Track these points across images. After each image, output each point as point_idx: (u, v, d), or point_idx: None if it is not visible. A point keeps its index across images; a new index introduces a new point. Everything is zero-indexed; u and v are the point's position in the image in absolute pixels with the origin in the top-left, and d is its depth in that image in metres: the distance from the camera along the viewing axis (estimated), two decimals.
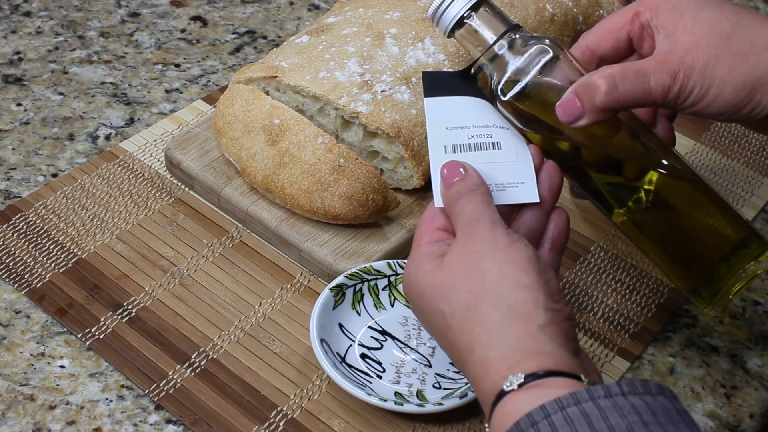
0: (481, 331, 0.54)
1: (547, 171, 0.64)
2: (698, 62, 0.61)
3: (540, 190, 0.64)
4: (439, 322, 0.57)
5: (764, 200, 0.90)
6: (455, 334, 0.56)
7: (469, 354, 0.55)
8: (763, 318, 0.80)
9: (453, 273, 0.57)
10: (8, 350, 0.71)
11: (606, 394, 0.48)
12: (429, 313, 0.58)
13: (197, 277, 0.77)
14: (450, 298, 0.56)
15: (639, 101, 0.62)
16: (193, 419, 0.68)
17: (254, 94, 0.80)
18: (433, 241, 0.61)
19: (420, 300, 0.59)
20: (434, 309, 0.57)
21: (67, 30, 1.02)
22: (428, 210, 0.63)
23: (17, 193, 0.83)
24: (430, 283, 0.58)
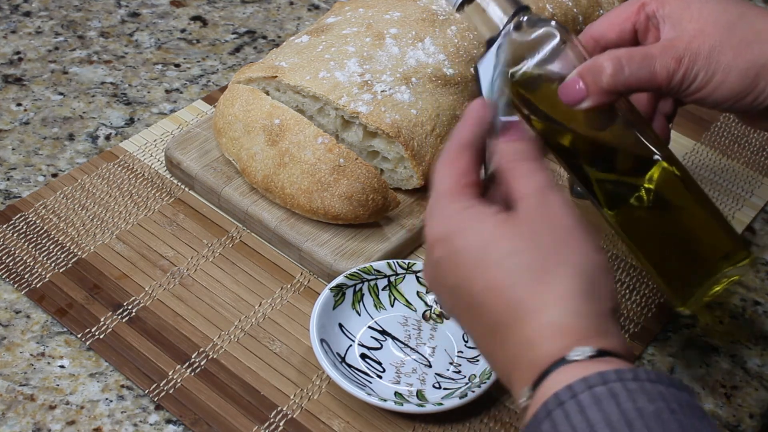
0: (555, 297, 0.51)
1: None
2: (704, 48, 0.62)
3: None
4: (489, 276, 0.53)
5: (764, 200, 0.90)
6: (513, 293, 0.52)
7: (529, 315, 0.51)
8: (763, 318, 0.80)
9: (531, 232, 0.53)
10: (8, 350, 0.71)
11: (634, 378, 0.48)
12: (476, 266, 0.53)
13: (197, 277, 0.77)
14: (521, 255, 0.52)
15: (643, 85, 0.62)
16: (193, 419, 0.68)
17: (254, 94, 0.80)
18: (472, 196, 0.56)
19: (466, 253, 0.54)
20: (490, 262, 0.53)
21: (67, 30, 1.02)
22: (459, 161, 0.57)
23: (17, 193, 0.83)
24: (494, 237, 0.53)
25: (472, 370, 0.71)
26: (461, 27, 0.86)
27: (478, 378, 0.70)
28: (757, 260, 0.85)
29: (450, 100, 0.82)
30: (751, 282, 0.83)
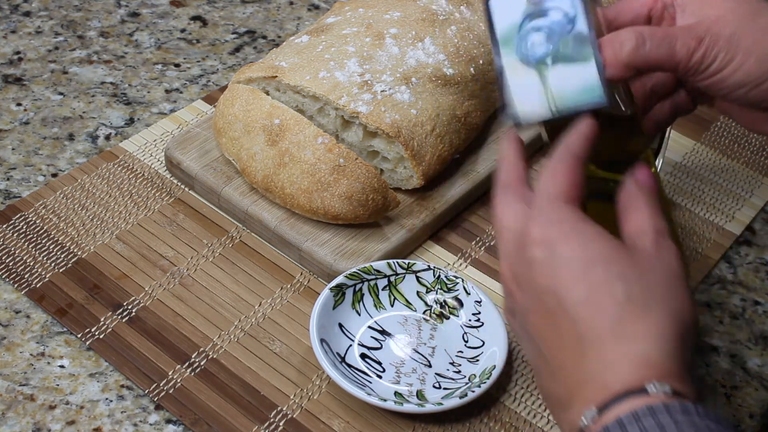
0: (652, 332, 0.51)
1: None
2: (724, 32, 0.61)
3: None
4: (591, 292, 0.52)
5: (764, 200, 0.90)
6: (612, 314, 0.51)
7: (621, 340, 0.51)
8: (763, 318, 0.80)
9: (643, 266, 0.53)
10: (8, 350, 0.71)
11: (683, 411, 0.48)
12: (579, 278, 0.52)
13: (197, 277, 0.77)
14: (630, 283, 0.52)
15: (663, 62, 0.61)
16: (193, 419, 0.68)
17: (254, 94, 0.80)
18: (581, 210, 0.56)
19: (572, 262, 0.53)
20: (596, 279, 0.52)
21: (67, 30, 1.02)
22: (574, 172, 0.56)
23: (17, 193, 0.83)
24: (604, 258, 0.53)
25: (472, 370, 0.71)
26: (461, 27, 0.86)
27: (478, 378, 0.70)
28: (757, 260, 0.85)
29: (450, 100, 0.82)
30: (751, 282, 0.83)
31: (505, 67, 0.61)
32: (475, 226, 0.84)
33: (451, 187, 0.84)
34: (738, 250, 0.86)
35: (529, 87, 0.61)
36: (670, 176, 0.91)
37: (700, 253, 0.84)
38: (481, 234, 0.83)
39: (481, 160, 0.87)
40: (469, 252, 0.82)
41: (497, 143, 0.89)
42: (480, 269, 0.80)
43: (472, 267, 0.81)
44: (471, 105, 0.84)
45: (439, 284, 0.75)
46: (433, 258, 0.81)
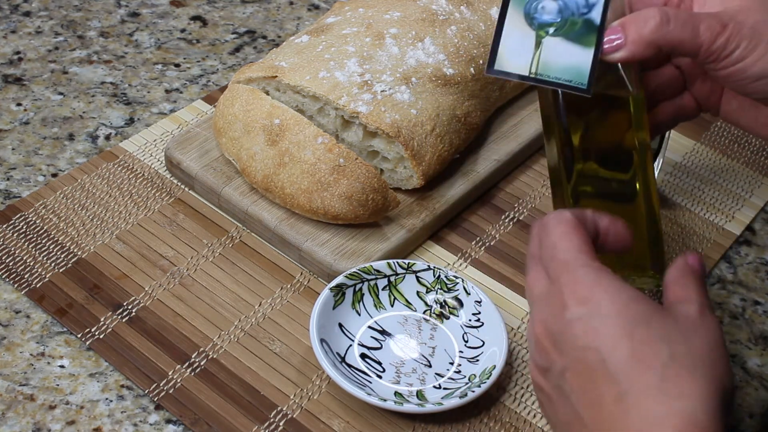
0: (698, 393, 0.51)
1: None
2: (749, 20, 0.61)
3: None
4: (637, 350, 0.52)
5: (764, 200, 0.90)
6: (659, 372, 0.51)
7: (669, 398, 0.51)
8: (763, 318, 0.80)
9: (686, 331, 0.53)
10: (8, 350, 0.71)
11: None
12: (624, 336, 0.52)
13: (197, 277, 0.77)
14: (676, 345, 0.52)
15: (685, 43, 0.61)
16: (193, 419, 0.68)
17: (254, 94, 0.80)
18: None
19: (615, 321, 0.53)
20: (642, 338, 0.52)
21: (67, 30, 1.02)
22: (583, 233, 0.56)
23: (17, 193, 0.83)
24: (647, 319, 0.53)
25: (472, 370, 0.71)
26: (461, 27, 0.86)
27: (478, 378, 0.70)
28: (757, 260, 0.85)
29: (450, 100, 0.82)
30: (751, 282, 0.83)
31: (509, 13, 0.62)
32: (475, 226, 0.84)
33: (451, 187, 0.84)
34: (738, 250, 0.86)
35: (520, 42, 0.62)
36: (670, 176, 0.91)
37: (700, 253, 0.84)
38: (481, 234, 0.83)
39: (481, 160, 0.87)
40: (469, 252, 0.82)
41: (497, 143, 0.89)
42: (480, 269, 0.80)
43: (472, 267, 0.81)
44: (471, 105, 0.84)
45: (439, 284, 0.75)
46: (433, 258, 0.81)
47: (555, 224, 0.57)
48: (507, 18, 0.62)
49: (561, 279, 0.55)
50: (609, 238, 0.59)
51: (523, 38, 0.62)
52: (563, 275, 0.55)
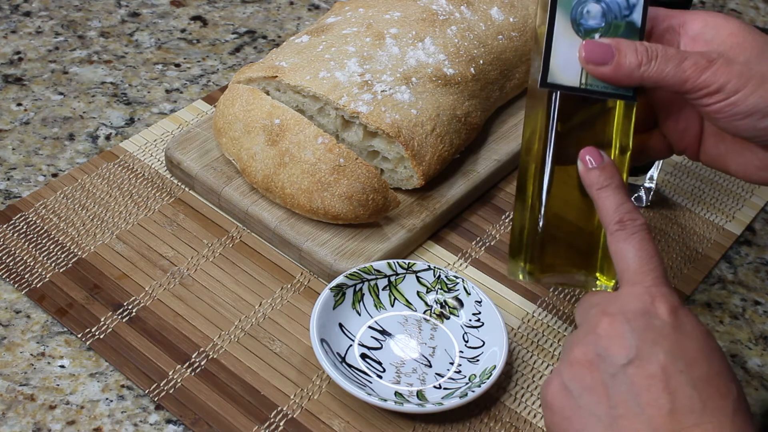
0: (728, 413, 0.53)
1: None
2: (739, 58, 0.61)
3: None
4: (700, 369, 0.54)
5: (764, 200, 0.90)
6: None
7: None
8: (763, 318, 0.80)
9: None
10: (8, 350, 0.71)
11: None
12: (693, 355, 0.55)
13: (197, 277, 0.77)
14: (739, 390, 0.55)
15: (668, 79, 0.61)
16: (193, 419, 0.68)
17: (254, 94, 0.80)
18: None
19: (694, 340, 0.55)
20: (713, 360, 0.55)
21: (67, 30, 1.02)
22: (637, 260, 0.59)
23: (17, 193, 0.83)
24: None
25: (472, 370, 0.71)
26: (461, 27, 0.86)
27: (478, 378, 0.70)
28: (758, 260, 0.85)
29: (450, 100, 0.82)
30: (751, 282, 0.83)
31: (557, 22, 0.62)
32: (475, 226, 0.84)
33: (451, 187, 0.84)
34: (738, 250, 0.86)
35: (569, 51, 0.62)
36: (670, 176, 0.91)
37: (700, 253, 0.84)
38: (482, 234, 0.83)
39: (481, 160, 0.87)
40: (469, 252, 0.82)
41: (497, 143, 0.89)
42: (480, 269, 0.80)
43: (473, 267, 0.81)
44: (471, 105, 0.84)
45: (439, 284, 0.75)
46: (433, 258, 0.81)
47: (643, 231, 0.59)
48: (555, 27, 0.62)
49: (645, 283, 0.57)
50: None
51: (571, 47, 0.62)
52: (651, 283, 0.57)
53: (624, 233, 0.59)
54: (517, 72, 0.90)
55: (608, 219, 0.60)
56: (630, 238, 0.58)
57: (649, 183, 0.86)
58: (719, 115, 0.62)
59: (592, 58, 0.62)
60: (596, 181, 0.62)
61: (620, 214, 0.59)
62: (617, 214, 0.60)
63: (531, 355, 0.74)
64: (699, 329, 0.56)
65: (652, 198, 0.87)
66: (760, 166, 0.66)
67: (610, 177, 0.61)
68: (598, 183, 0.61)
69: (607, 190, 0.61)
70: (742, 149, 0.66)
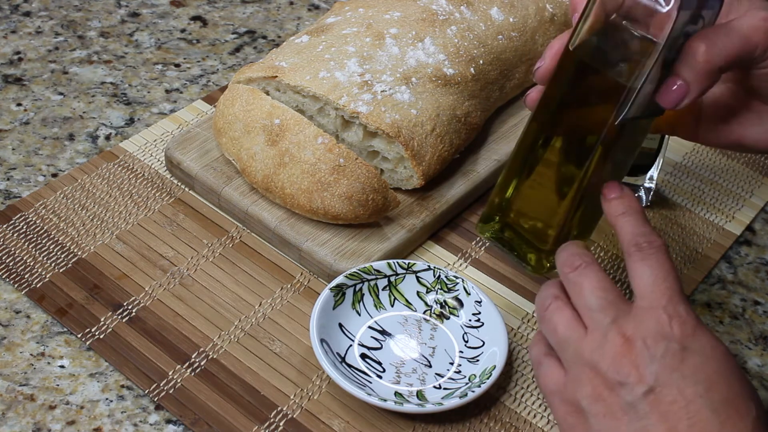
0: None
1: None
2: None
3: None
4: (719, 394, 0.54)
5: (764, 200, 0.90)
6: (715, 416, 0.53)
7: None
8: (763, 318, 0.80)
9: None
10: (8, 350, 0.71)
11: None
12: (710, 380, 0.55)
13: (197, 277, 0.77)
14: (758, 409, 0.55)
15: (740, 52, 0.60)
16: (193, 419, 0.68)
17: (254, 94, 0.80)
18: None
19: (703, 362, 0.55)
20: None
21: (67, 30, 1.02)
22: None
23: (17, 193, 0.83)
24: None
25: (472, 370, 0.71)
26: (461, 27, 0.86)
27: (478, 378, 0.70)
28: (758, 260, 0.85)
29: (450, 100, 0.82)
30: (751, 282, 0.83)
31: (656, 61, 0.60)
32: (475, 226, 0.84)
33: (451, 187, 0.84)
34: (738, 250, 0.86)
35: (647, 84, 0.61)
36: (670, 176, 0.91)
37: (700, 253, 0.84)
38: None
39: (481, 160, 0.87)
40: (469, 252, 0.82)
41: (497, 143, 0.89)
42: (480, 269, 0.80)
43: (473, 267, 0.81)
44: (471, 105, 0.84)
45: (439, 284, 0.75)
46: (433, 258, 0.81)
47: (660, 253, 0.59)
48: (654, 65, 0.61)
49: (660, 304, 0.56)
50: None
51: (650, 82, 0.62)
52: (666, 304, 0.57)
53: (640, 254, 0.58)
54: (517, 72, 0.90)
55: (626, 243, 0.60)
56: (646, 259, 0.58)
57: (649, 183, 0.86)
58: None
59: (674, 102, 0.60)
60: (615, 210, 0.62)
61: (637, 238, 0.59)
62: (635, 238, 0.59)
63: None
64: (718, 349, 0.55)
65: (652, 198, 0.87)
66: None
67: (628, 205, 0.62)
68: (617, 211, 0.62)
69: (625, 216, 0.61)
70: (759, 117, 0.66)
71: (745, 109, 0.67)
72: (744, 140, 0.67)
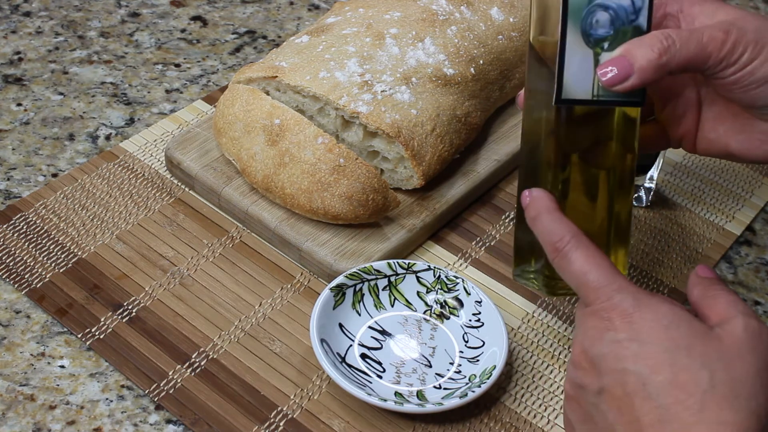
0: (729, 419, 0.51)
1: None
2: (749, 25, 0.61)
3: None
4: (677, 375, 0.52)
5: (764, 200, 0.90)
6: (697, 400, 0.52)
7: (694, 427, 0.51)
8: (764, 318, 0.80)
9: (731, 355, 0.53)
10: (8, 350, 0.71)
11: None
12: (666, 362, 0.53)
13: (197, 277, 0.77)
14: (716, 372, 0.52)
15: (693, 60, 0.60)
16: (193, 419, 0.68)
17: (254, 94, 0.80)
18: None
19: (654, 346, 0.54)
20: (681, 363, 0.53)
21: (67, 30, 1.02)
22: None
23: (17, 193, 0.83)
24: (688, 344, 0.53)
25: (472, 370, 0.71)
26: (461, 27, 0.86)
27: (478, 378, 0.70)
28: (758, 260, 0.85)
29: (450, 100, 0.82)
30: (751, 282, 0.83)
31: (568, 36, 0.61)
32: (475, 226, 0.84)
33: (451, 187, 0.84)
34: (738, 250, 0.86)
35: (581, 65, 0.62)
36: (670, 176, 0.91)
37: (700, 253, 0.84)
38: (482, 234, 0.83)
39: (481, 160, 0.87)
40: (469, 252, 0.82)
41: (497, 143, 0.89)
42: (480, 269, 0.80)
43: (473, 267, 0.81)
44: (471, 105, 0.84)
45: (439, 284, 0.75)
46: (433, 258, 0.81)
47: (574, 249, 0.58)
48: (567, 41, 0.61)
49: (596, 304, 0.56)
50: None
51: (583, 60, 0.62)
52: (598, 300, 0.56)
53: (559, 256, 0.58)
54: (517, 72, 0.90)
55: (546, 249, 0.60)
56: (564, 258, 0.58)
57: (649, 183, 0.86)
58: (735, 86, 0.62)
59: (613, 80, 0.61)
60: (528, 216, 0.62)
61: (552, 240, 0.59)
62: (550, 241, 0.59)
63: (531, 355, 0.74)
64: (660, 325, 0.54)
65: (652, 198, 0.87)
66: (763, 140, 0.66)
67: (538, 207, 0.61)
68: (530, 216, 0.61)
69: (537, 219, 0.61)
70: (743, 126, 0.66)
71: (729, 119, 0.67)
72: (730, 148, 0.67)
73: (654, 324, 0.54)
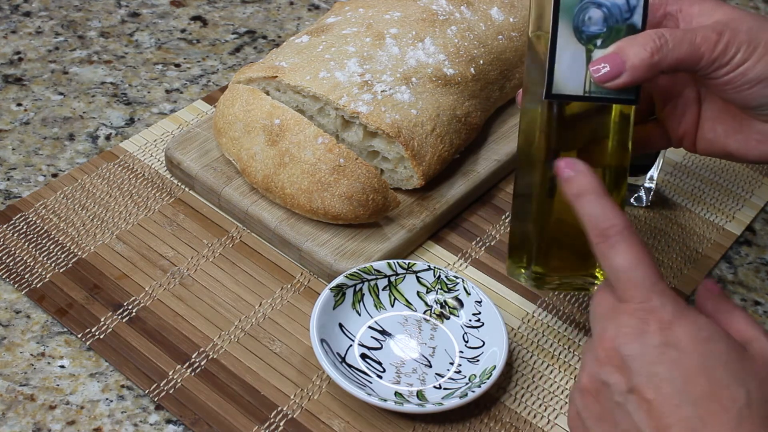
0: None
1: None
2: (742, 26, 0.61)
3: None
4: (699, 387, 0.52)
5: (764, 200, 0.90)
6: (723, 415, 0.52)
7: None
8: (764, 318, 0.80)
9: (761, 372, 0.53)
10: (8, 350, 0.71)
11: None
12: (701, 373, 0.53)
13: (197, 277, 0.77)
14: (749, 387, 0.52)
15: (686, 59, 0.61)
16: (193, 419, 0.68)
17: (254, 94, 0.80)
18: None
19: (692, 356, 0.53)
20: (718, 378, 0.52)
21: (67, 30, 1.02)
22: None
23: (17, 193, 0.83)
24: (726, 359, 0.53)
25: (472, 370, 0.71)
26: (461, 27, 0.86)
27: (478, 378, 0.70)
28: (758, 260, 0.85)
29: (450, 100, 0.82)
30: (751, 282, 0.83)
31: (560, 31, 0.61)
32: (475, 226, 0.84)
33: (451, 187, 0.84)
34: (738, 250, 0.86)
35: (573, 60, 0.62)
36: (670, 176, 0.91)
37: (700, 253, 0.84)
38: (482, 234, 0.83)
39: (481, 160, 0.87)
40: (469, 252, 0.82)
41: (497, 143, 0.89)
42: (480, 269, 0.80)
43: (473, 267, 0.81)
44: (471, 105, 0.84)
45: (439, 284, 0.75)
46: (433, 258, 0.81)
47: (624, 241, 0.56)
48: (558, 37, 0.62)
49: (634, 302, 0.55)
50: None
51: (575, 56, 0.62)
52: (636, 299, 0.55)
53: (606, 243, 0.56)
54: (517, 72, 0.90)
55: (590, 230, 0.57)
56: (613, 247, 0.56)
57: (649, 183, 0.86)
58: (729, 86, 0.62)
59: (605, 77, 0.61)
60: (571, 190, 0.58)
61: (600, 224, 0.56)
62: (598, 224, 0.56)
63: (531, 355, 0.74)
64: (698, 337, 0.53)
65: (652, 198, 0.87)
66: (760, 140, 0.66)
67: (586, 183, 0.58)
68: (574, 191, 0.58)
69: (584, 197, 0.57)
70: (740, 126, 0.66)
71: (729, 118, 0.67)
72: (728, 148, 0.67)
73: (693, 335, 0.53)
